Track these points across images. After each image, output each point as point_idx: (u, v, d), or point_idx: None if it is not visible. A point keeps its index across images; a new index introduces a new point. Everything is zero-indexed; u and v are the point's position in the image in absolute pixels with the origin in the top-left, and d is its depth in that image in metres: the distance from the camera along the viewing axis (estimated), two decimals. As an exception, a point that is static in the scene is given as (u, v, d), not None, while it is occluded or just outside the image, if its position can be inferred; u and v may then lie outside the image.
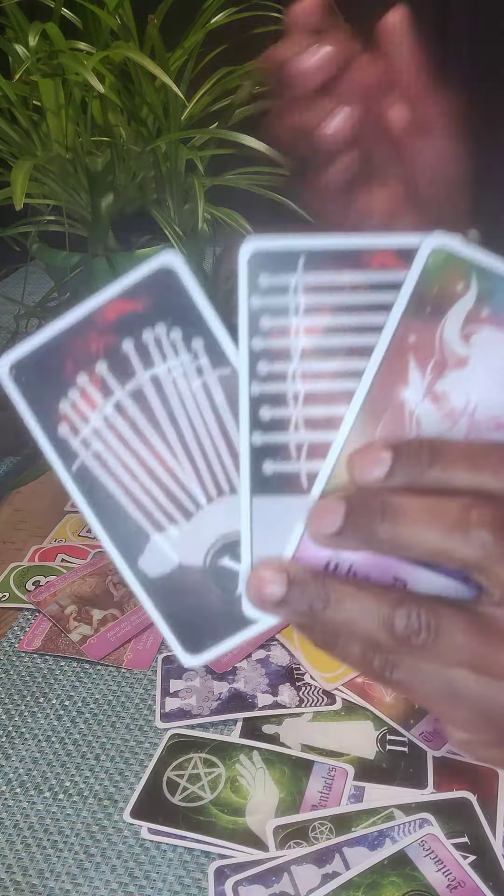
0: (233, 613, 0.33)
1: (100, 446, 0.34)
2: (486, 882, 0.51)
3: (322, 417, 0.32)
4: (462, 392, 0.31)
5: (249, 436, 0.32)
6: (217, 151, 0.95)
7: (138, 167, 0.94)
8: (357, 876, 0.51)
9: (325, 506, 0.30)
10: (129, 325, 0.32)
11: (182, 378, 0.33)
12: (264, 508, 0.32)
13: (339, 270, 0.31)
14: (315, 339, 0.32)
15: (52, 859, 0.54)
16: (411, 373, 0.31)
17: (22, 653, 0.70)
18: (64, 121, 0.89)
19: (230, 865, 0.53)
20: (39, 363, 0.33)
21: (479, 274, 0.31)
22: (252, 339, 0.32)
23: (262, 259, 0.31)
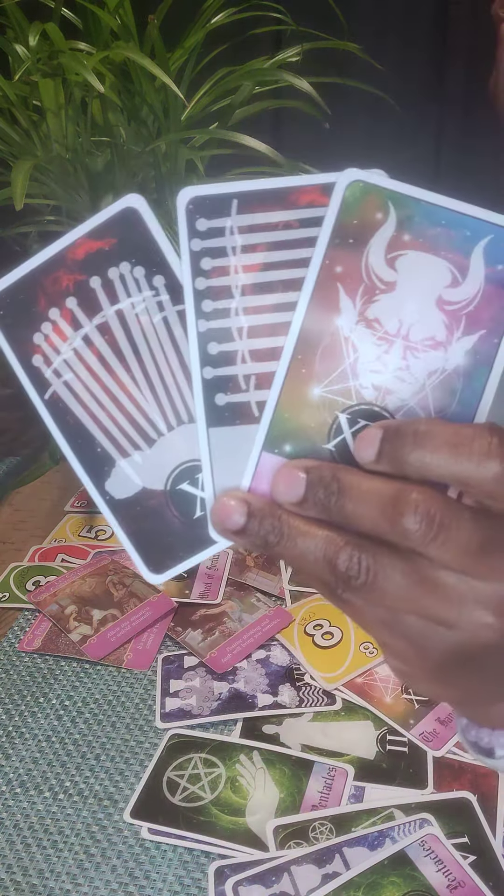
0: (191, 535, 0.35)
1: (70, 376, 0.35)
2: (486, 882, 0.51)
3: (266, 349, 0.33)
4: (394, 315, 0.33)
5: (200, 370, 0.34)
6: (217, 151, 0.95)
7: (138, 167, 0.94)
8: (357, 876, 0.51)
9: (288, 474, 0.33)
10: (97, 263, 0.34)
11: (144, 313, 0.34)
12: (220, 438, 0.34)
13: (269, 210, 0.33)
14: (253, 276, 0.33)
15: (52, 859, 0.54)
16: (342, 301, 0.33)
17: (22, 653, 0.70)
18: (64, 121, 0.89)
19: (230, 865, 0.53)
20: (15, 298, 0.35)
21: (395, 201, 0.32)
22: (195, 280, 0.33)
23: (198, 204, 0.33)
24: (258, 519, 0.32)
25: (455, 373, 0.33)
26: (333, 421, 0.33)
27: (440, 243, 0.32)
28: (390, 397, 0.33)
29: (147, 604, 0.73)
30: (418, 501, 0.30)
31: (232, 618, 0.72)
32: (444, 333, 0.33)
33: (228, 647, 0.69)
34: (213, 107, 0.97)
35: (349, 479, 0.32)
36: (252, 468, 0.33)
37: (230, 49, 1.03)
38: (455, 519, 0.30)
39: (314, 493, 0.32)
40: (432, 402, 0.33)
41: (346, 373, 0.33)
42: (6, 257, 1.15)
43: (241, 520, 0.32)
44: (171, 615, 0.73)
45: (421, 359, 0.33)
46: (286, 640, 0.70)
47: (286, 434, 0.34)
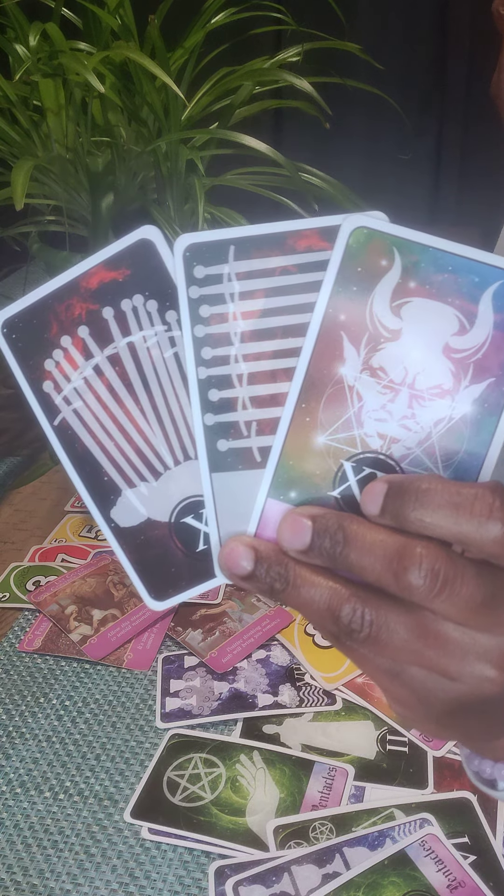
0: (193, 567, 0.36)
1: (79, 404, 0.36)
2: (486, 882, 0.51)
3: (266, 395, 0.34)
4: (399, 364, 0.32)
5: (202, 417, 0.34)
6: (217, 151, 0.95)
7: (138, 167, 0.94)
8: (357, 876, 0.51)
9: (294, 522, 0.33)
10: (110, 294, 0.34)
11: (156, 347, 0.35)
12: (223, 482, 0.34)
13: (267, 255, 0.33)
14: (252, 322, 0.33)
15: (53, 859, 0.54)
16: (346, 349, 0.32)
17: (22, 653, 0.70)
18: (64, 121, 0.89)
19: (230, 865, 0.53)
20: (28, 323, 0.35)
21: (400, 247, 0.32)
22: (194, 328, 0.33)
23: (194, 252, 0.33)
24: (265, 566, 0.33)
25: (462, 421, 0.33)
26: (338, 469, 0.33)
27: (447, 290, 0.32)
28: (396, 445, 0.33)
29: (147, 604, 0.73)
30: (423, 556, 0.30)
31: (232, 618, 0.72)
32: (451, 382, 0.32)
33: (229, 647, 0.69)
34: (213, 107, 0.97)
35: (354, 530, 0.32)
36: (258, 514, 0.34)
37: (230, 49, 1.03)
38: (459, 574, 0.31)
39: (320, 542, 0.32)
40: (439, 451, 0.33)
41: (350, 421, 0.33)
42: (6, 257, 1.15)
43: (249, 566, 0.33)
44: (171, 615, 0.73)
45: (427, 407, 0.33)
46: (286, 640, 0.70)
47: (291, 481, 0.34)
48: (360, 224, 0.32)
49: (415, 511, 0.31)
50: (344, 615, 0.32)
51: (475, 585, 0.31)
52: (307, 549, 0.32)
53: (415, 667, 0.32)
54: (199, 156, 0.88)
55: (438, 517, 0.31)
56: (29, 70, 0.82)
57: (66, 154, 0.90)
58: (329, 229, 0.32)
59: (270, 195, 0.98)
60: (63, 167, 0.90)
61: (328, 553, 0.32)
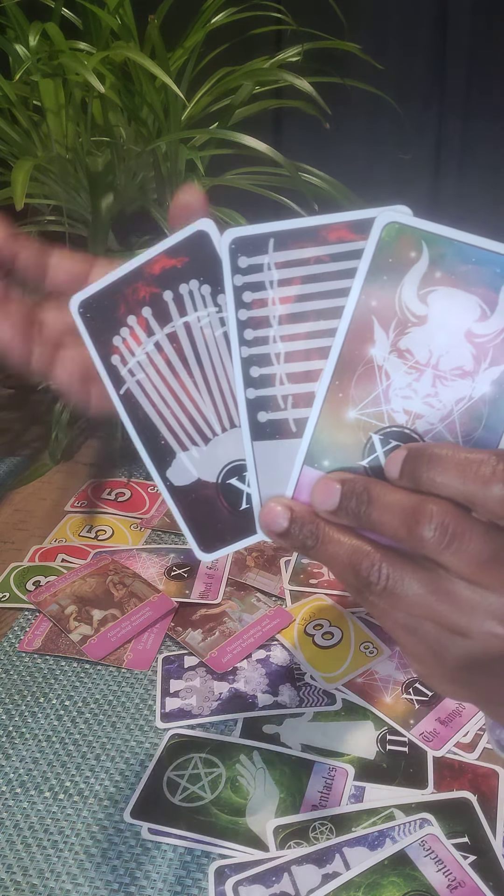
0: (237, 524, 0.40)
1: (142, 376, 0.40)
2: (486, 882, 0.51)
3: (301, 372, 0.37)
4: (424, 346, 0.35)
5: (244, 391, 0.38)
6: (217, 151, 0.95)
7: (138, 167, 0.94)
8: (357, 876, 0.51)
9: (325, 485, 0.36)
10: (170, 279, 0.38)
11: (208, 326, 0.38)
12: (263, 450, 0.38)
13: (302, 246, 0.36)
14: (289, 307, 0.37)
15: (52, 859, 0.54)
16: (376, 333, 0.36)
17: (22, 653, 0.70)
18: (64, 121, 0.89)
19: (230, 865, 0.53)
20: (101, 303, 0.39)
21: (428, 241, 0.35)
22: (238, 311, 0.37)
23: (239, 244, 0.36)
24: (299, 524, 0.37)
25: (481, 400, 0.35)
26: (367, 441, 0.37)
27: (470, 280, 0.35)
28: (420, 421, 0.36)
29: (147, 604, 0.73)
30: (434, 513, 0.33)
31: (232, 618, 0.72)
32: (472, 364, 0.35)
33: (228, 647, 0.69)
34: (213, 107, 0.97)
35: (378, 492, 0.35)
36: (294, 480, 0.38)
37: (230, 49, 1.03)
38: (467, 531, 0.33)
39: (347, 502, 0.36)
40: (459, 427, 0.36)
41: (379, 398, 0.36)
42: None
43: (285, 524, 0.37)
44: (172, 615, 0.73)
45: (449, 387, 0.36)
46: (286, 640, 0.70)
47: (325, 451, 0.37)
48: (392, 219, 0.35)
49: (428, 472, 0.34)
50: (363, 568, 0.35)
51: (482, 542, 0.33)
52: (336, 510, 0.36)
53: (428, 622, 0.35)
54: (198, 156, 0.88)
55: (448, 478, 0.33)
56: (29, 70, 0.82)
57: (66, 154, 0.90)
58: (357, 223, 0.35)
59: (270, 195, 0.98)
60: (63, 167, 0.90)
61: (354, 512, 0.36)
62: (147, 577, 0.77)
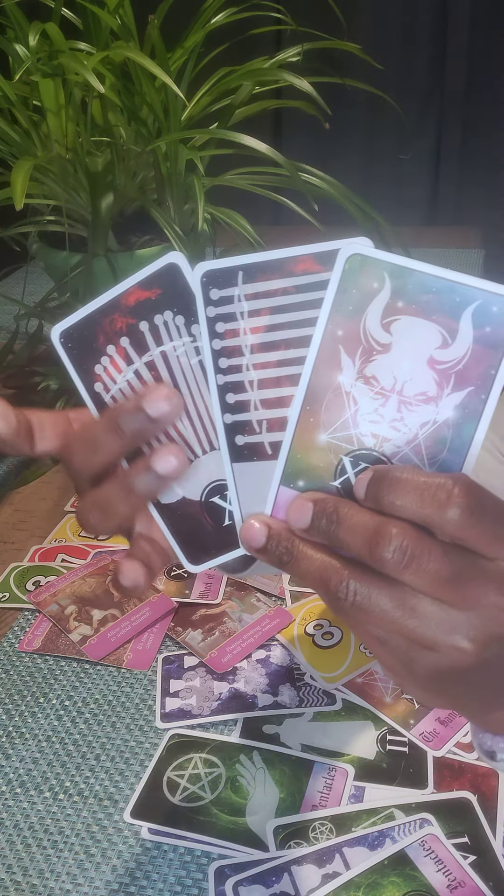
0: (221, 539, 0.42)
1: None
2: (486, 882, 0.51)
3: (273, 398, 0.39)
4: (389, 373, 0.37)
5: (221, 417, 0.40)
6: (217, 151, 0.95)
7: (138, 167, 0.94)
8: (357, 876, 0.51)
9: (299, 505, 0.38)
10: (145, 310, 0.40)
11: (184, 355, 0.40)
12: (242, 471, 0.40)
13: (270, 279, 0.38)
14: (259, 336, 0.39)
15: (52, 859, 0.54)
16: (343, 360, 0.38)
17: (22, 653, 0.70)
18: (64, 121, 0.89)
19: (230, 865, 0.53)
20: (80, 334, 0.41)
21: (390, 272, 0.37)
22: (212, 341, 0.39)
23: (210, 277, 0.39)
24: (275, 541, 0.39)
25: (445, 424, 0.37)
26: (338, 463, 0.38)
27: (431, 308, 0.36)
28: (387, 444, 0.38)
29: (147, 604, 0.73)
30: (393, 534, 0.35)
31: (232, 618, 0.72)
32: (435, 389, 0.37)
33: (228, 647, 0.69)
34: (213, 107, 0.97)
35: (346, 512, 0.37)
36: (272, 499, 0.40)
37: (230, 49, 1.03)
38: (426, 552, 0.35)
39: (318, 521, 0.37)
40: (424, 450, 0.38)
41: (347, 422, 0.38)
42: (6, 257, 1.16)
43: (263, 540, 0.39)
44: (171, 615, 0.73)
45: (414, 411, 0.37)
46: (286, 640, 0.70)
47: (299, 472, 0.39)
48: (355, 251, 0.37)
49: (388, 495, 0.35)
50: (332, 584, 0.36)
51: (441, 563, 0.34)
52: (308, 528, 0.38)
53: (397, 635, 0.36)
54: (198, 156, 0.88)
55: (407, 501, 0.35)
56: (29, 70, 0.82)
57: (66, 154, 0.90)
58: (322, 254, 0.37)
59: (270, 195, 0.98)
60: (63, 167, 0.90)
61: (324, 531, 0.37)
62: (147, 577, 0.77)
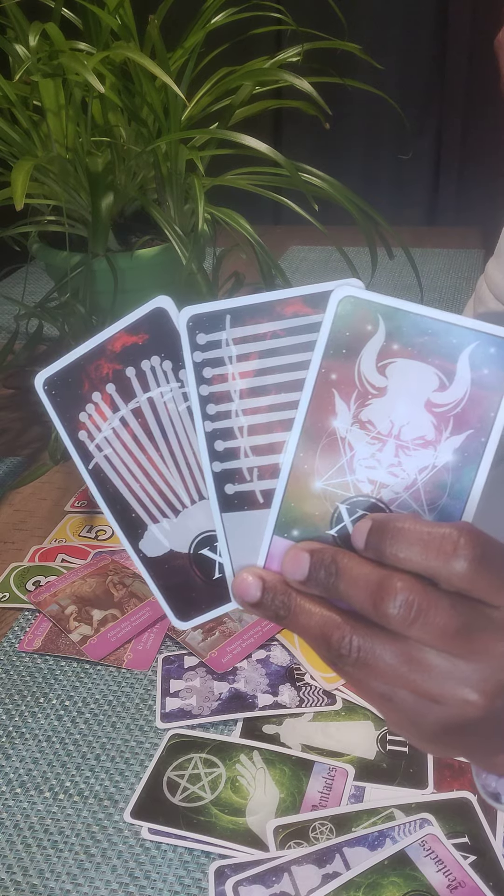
0: (211, 592, 0.40)
1: (109, 451, 0.40)
2: (486, 882, 0.51)
3: (264, 444, 0.38)
4: (385, 417, 0.36)
5: (210, 465, 0.39)
6: (217, 151, 0.95)
7: (138, 167, 0.94)
8: (357, 876, 0.51)
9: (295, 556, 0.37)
10: (132, 356, 0.39)
11: (171, 401, 0.39)
12: (232, 521, 0.39)
13: (258, 322, 0.37)
14: (248, 381, 0.38)
15: (52, 859, 0.54)
16: (338, 405, 0.36)
17: (22, 653, 0.70)
18: (64, 121, 0.89)
19: (230, 865, 0.53)
20: (64, 381, 0.40)
21: (384, 314, 0.36)
22: (199, 387, 0.38)
23: (196, 322, 0.37)
24: (271, 595, 0.37)
25: (445, 469, 0.36)
26: (335, 510, 0.37)
27: (428, 351, 0.35)
28: (385, 490, 0.37)
29: (147, 604, 0.73)
30: (399, 589, 0.34)
31: (232, 618, 0.72)
32: (434, 433, 0.36)
33: (228, 647, 0.69)
34: (213, 107, 0.97)
35: (345, 563, 0.36)
36: (265, 550, 0.38)
37: (230, 49, 1.03)
38: (433, 605, 0.33)
39: (316, 573, 0.36)
40: (424, 495, 0.36)
41: (343, 468, 0.37)
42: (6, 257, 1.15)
43: (258, 594, 0.37)
44: (172, 615, 0.73)
45: (412, 456, 0.36)
46: (286, 640, 0.70)
47: (294, 521, 0.38)
48: (347, 293, 0.36)
49: (391, 547, 0.34)
50: (334, 641, 0.35)
51: (449, 616, 0.33)
52: (306, 580, 0.36)
53: (403, 690, 0.35)
54: (199, 156, 0.88)
55: (411, 553, 0.34)
56: (29, 70, 0.82)
57: (66, 154, 0.90)
58: (312, 297, 0.36)
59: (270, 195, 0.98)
60: (63, 167, 0.90)
61: (323, 583, 0.36)
62: (147, 577, 0.77)
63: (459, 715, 0.35)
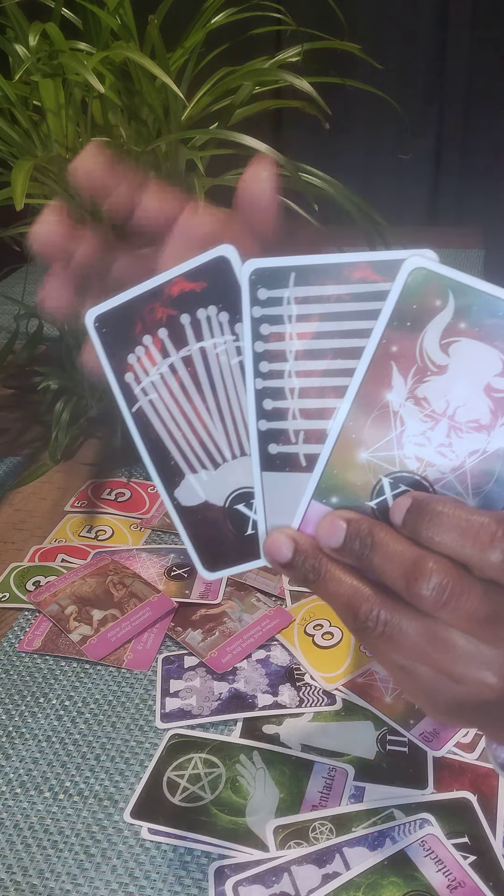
0: (241, 548, 0.40)
1: (155, 396, 0.40)
2: (486, 882, 0.51)
3: (314, 408, 0.37)
4: (441, 396, 0.35)
5: (256, 423, 0.38)
6: (217, 151, 0.95)
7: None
8: (357, 876, 0.51)
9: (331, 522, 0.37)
10: (188, 302, 0.38)
11: (224, 354, 0.39)
12: (272, 481, 0.38)
13: (323, 283, 0.36)
14: (306, 343, 0.37)
15: (52, 859, 0.54)
16: (394, 378, 0.35)
17: (22, 653, 0.70)
18: (64, 121, 0.89)
19: (230, 865, 0.53)
20: (116, 320, 0.39)
21: (455, 290, 0.34)
22: (255, 343, 0.37)
23: (259, 276, 0.36)
24: (302, 558, 0.37)
25: (495, 455, 0.35)
26: (377, 483, 0.37)
27: (495, 334, 0.34)
28: (431, 469, 0.36)
29: (147, 604, 0.73)
30: (433, 571, 0.34)
31: (232, 618, 0.72)
32: (489, 418, 0.35)
33: (228, 647, 0.69)
34: (213, 107, 0.97)
35: (382, 538, 0.35)
36: (302, 513, 0.38)
37: (230, 49, 1.03)
38: (465, 590, 0.34)
39: (351, 543, 0.36)
40: (470, 479, 0.36)
41: (392, 442, 0.36)
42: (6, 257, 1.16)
43: (289, 555, 0.37)
44: (171, 615, 0.73)
45: (464, 438, 0.35)
46: (286, 640, 0.70)
47: (334, 488, 0.37)
48: (420, 264, 0.34)
49: (427, 529, 0.34)
50: (362, 612, 0.35)
51: (479, 602, 0.34)
52: (340, 548, 0.36)
53: (424, 666, 0.35)
54: (198, 156, 0.88)
55: (447, 538, 0.34)
56: (29, 70, 0.82)
57: (66, 154, 0.90)
58: (382, 263, 0.35)
59: (270, 195, 0.98)
60: (63, 167, 0.90)
61: (357, 554, 0.36)
62: (147, 578, 0.77)
63: (476, 695, 0.35)
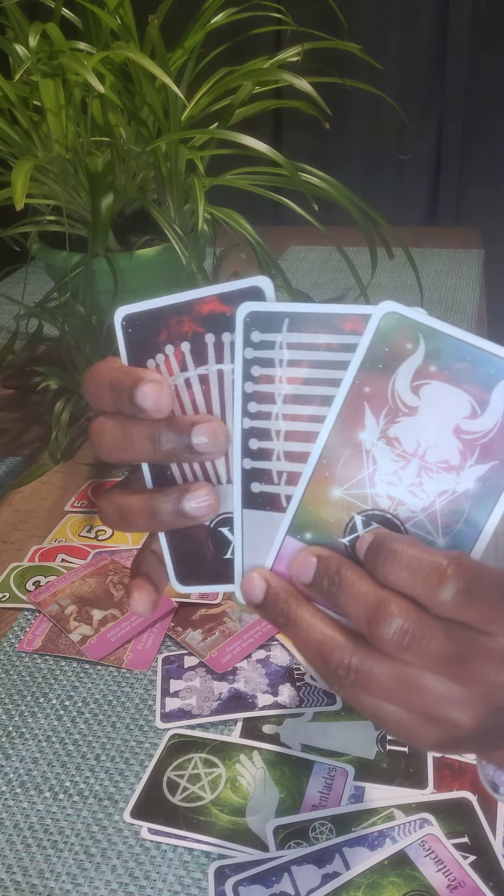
0: (217, 569, 0.41)
1: None
2: (486, 882, 0.51)
3: (299, 452, 0.38)
4: (412, 437, 0.36)
5: (241, 461, 0.39)
6: (217, 151, 0.95)
7: (138, 167, 0.94)
8: (357, 876, 0.51)
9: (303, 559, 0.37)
10: (216, 323, 0.39)
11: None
12: (252, 518, 0.39)
13: (316, 332, 0.37)
14: (294, 388, 0.37)
15: (52, 859, 0.54)
16: (367, 418, 0.36)
17: (22, 653, 0.70)
18: (64, 121, 0.89)
19: (230, 865, 0.53)
20: (144, 323, 0.40)
21: (426, 335, 0.35)
22: (245, 383, 0.38)
23: (254, 318, 0.37)
24: (272, 601, 0.38)
25: (464, 496, 0.36)
26: (350, 520, 0.37)
27: (464, 377, 0.35)
28: (402, 508, 0.37)
29: (147, 604, 0.73)
30: (394, 613, 0.34)
31: (232, 618, 0.72)
32: (458, 459, 0.36)
33: (228, 647, 0.69)
34: (213, 107, 0.97)
35: (348, 577, 0.36)
36: (276, 549, 0.39)
37: (230, 49, 1.03)
38: (427, 632, 0.34)
39: (320, 580, 0.36)
40: (440, 518, 0.36)
41: (364, 481, 0.37)
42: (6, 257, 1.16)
43: (261, 597, 0.38)
44: (171, 615, 0.73)
45: (434, 478, 0.36)
46: (286, 641, 0.70)
47: (308, 524, 0.38)
48: (391, 309, 0.35)
49: (382, 567, 0.35)
50: (333, 661, 0.36)
51: (442, 644, 0.34)
52: (310, 584, 0.37)
53: (395, 707, 0.36)
54: (198, 156, 0.88)
55: (400, 577, 0.34)
56: (29, 70, 0.82)
57: (66, 154, 0.90)
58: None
59: (270, 195, 0.98)
60: (63, 167, 0.90)
61: (325, 591, 0.36)
62: (147, 577, 0.77)
63: (453, 733, 0.35)
